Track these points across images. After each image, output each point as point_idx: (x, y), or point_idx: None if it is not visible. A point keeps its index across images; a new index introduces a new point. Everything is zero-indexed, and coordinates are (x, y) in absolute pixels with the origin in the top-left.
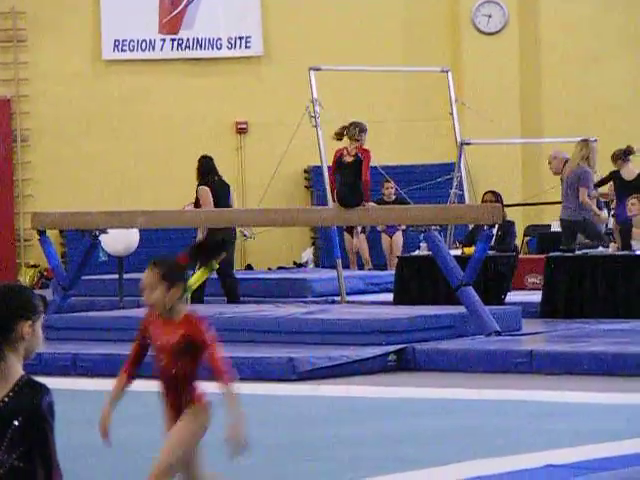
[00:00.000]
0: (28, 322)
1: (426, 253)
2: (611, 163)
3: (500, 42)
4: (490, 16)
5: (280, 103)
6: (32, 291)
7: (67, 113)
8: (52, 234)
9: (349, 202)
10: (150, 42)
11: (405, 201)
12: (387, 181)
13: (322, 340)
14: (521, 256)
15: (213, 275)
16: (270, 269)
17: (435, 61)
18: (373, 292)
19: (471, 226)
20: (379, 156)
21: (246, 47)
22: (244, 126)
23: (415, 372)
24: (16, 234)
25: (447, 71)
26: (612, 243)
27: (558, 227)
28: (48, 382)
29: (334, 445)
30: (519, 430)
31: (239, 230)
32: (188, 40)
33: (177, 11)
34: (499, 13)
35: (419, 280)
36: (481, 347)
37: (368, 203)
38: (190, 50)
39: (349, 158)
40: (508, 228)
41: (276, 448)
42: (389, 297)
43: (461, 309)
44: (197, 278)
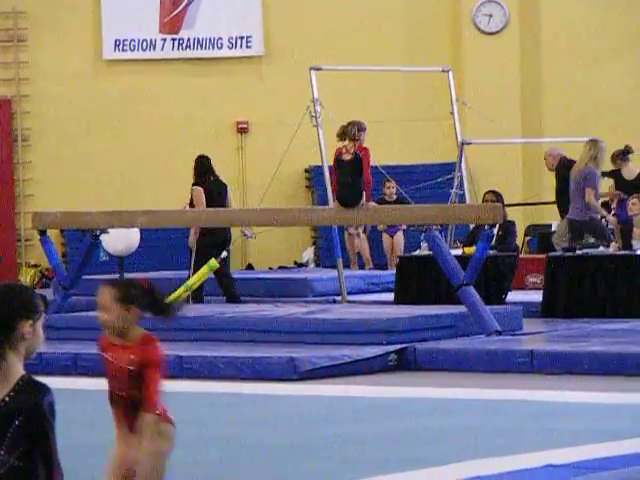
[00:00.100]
0: (29, 322)
1: (427, 253)
2: (611, 163)
3: (501, 42)
4: (491, 16)
5: (281, 103)
6: (33, 291)
7: (68, 113)
8: (53, 234)
9: (348, 200)
10: (151, 42)
11: (406, 201)
12: (388, 181)
13: (323, 340)
14: (522, 256)
15: (210, 275)
16: (271, 269)
17: (436, 61)
18: (374, 292)
19: (472, 226)
20: (380, 156)
21: (247, 47)
22: (245, 126)
23: (416, 372)
24: (17, 234)
25: (448, 71)
26: (613, 243)
27: None
28: (49, 382)
29: (334, 445)
30: (519, 430)
31: (240, 230)
32: (189, 40)
33: (178, 11)
34: (500, 13)
35: (420, 280)
36: (482, 347)
37: (369, 203)
38: (191, 50)
39: (347, 156)
40: (509, 228)
41: (276, 448)
42: (390, 297)
43: (462, 309)
44: (198, 278)
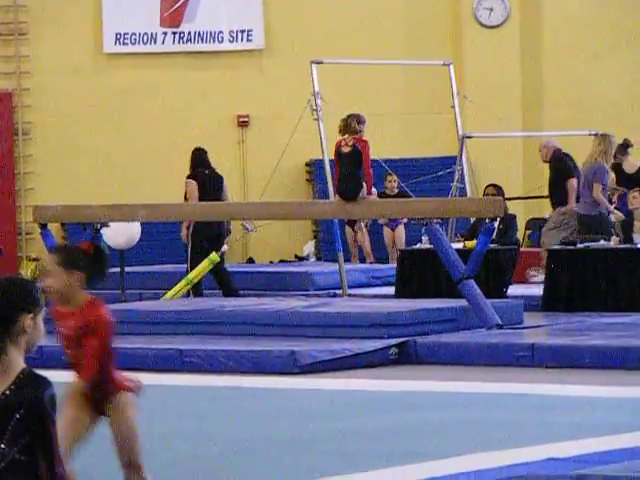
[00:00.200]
0: (30, 315)
1: (428, 246)
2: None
3: (502, 35)
4: (492, 9)
5: (282, 96)
6: (34, 284)
7: (69, 106)
8: (53, 227)
9: (347, 193)
10: (152, 35)
11: (407, 194)
12: (389, 174)
13: (324, 333)
14: (522, 249)
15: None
16: (272, 262)
17: (437, 54)
18: (375, 285)
19: (473, 219)
20: (381, 149)
21: (248, 40)
22: (246, 119)
23: (417, 365)
24: (18, 227)
25: (449, 64)
26: (614, 236)
27: None
28: (49, 375)
29: (335, 438)
30: (520, 423)
31: (241, 223)
32: (190, 33)
33: (179, 4)
34: (501, 6)
35: (421, 273)
36: (483, 340)
37: (370, 196)
38: (192, 43)
39: (346, 149)
40: (510, 221)
41: (277, 441)
42: (391, 290)
43: (463, 302)
44: (199, 272)
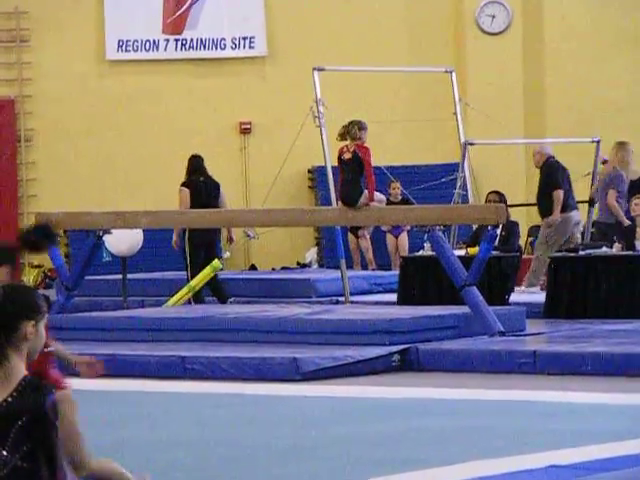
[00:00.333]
0: (31, 322)
1: (430, 253)
2: None
3: (504, 42)
4: (494, 16)
5: (284, 103)
6: (35, 291)
7: (71, 113)
8: None
9: (347, 198)
10: (154, 42)
11: (411, 202)
12: (393, 182)
13: (326, 340)
14: (525, 256)
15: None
16: (274, 269)
17: (439, 61)
18: (377, 292)
19: (475, 226)
20: (383, 156)
21: (250, 47)
22: (248, 126)
23: (419, 372)
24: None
25: (451, 71)
26: (616, 243)
27: None
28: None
29: (337, 445)
30: (522, 430)
31: (243, 230)
32: (192, 40)
33: (181, 11)
34: (503, 13)
35: (423, 280)
36: (485, 347)
37: (373, 202)
38: (194, 50)
39: (348, 155)
40: (512, 228)
41: (279, 448)
42: (393, 297)
43: (465, 309)
44: (201, 279)
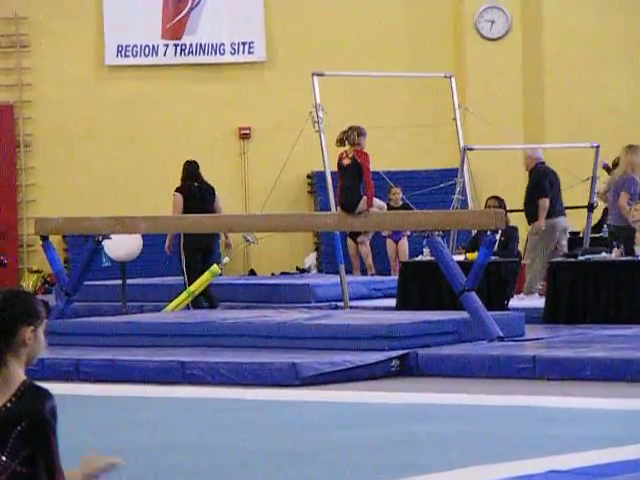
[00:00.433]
0: (30, 327)
1: (429, 258)
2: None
3: (503, 48)
4: (493, 22)
5: (283, 108)
6: (34, 296)
7: (70, 118)
8: (55, 239)
9: (346, 204)
10: (153, 47)
11: (411, 207)
12: (393, 187)
13: (325, 345)
14: (524, 262)
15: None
16: (273, 274)
17: (438, 67)
18: (376, 297)
19: (474, 232)
20: (382, 161)
21: (249, 52)
22: (247, 131)
23: (418, 377)
24: (19, 239)
25: (450, 77)
26: (615, 249)
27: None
28: (50, 387)
29: (336, 450)
30: (522, 436)
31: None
32: (191, 45)
33: (180, 16)
34: (502, 19)
35: (422, 285)
36: (484, 353)
37: (371, 209)
38: (193, 55)
39: (347, 161)
40: (511, 233)
41: (278, 453)
42: (392, 302)
43: (464, 315)
44: (200, 284)
